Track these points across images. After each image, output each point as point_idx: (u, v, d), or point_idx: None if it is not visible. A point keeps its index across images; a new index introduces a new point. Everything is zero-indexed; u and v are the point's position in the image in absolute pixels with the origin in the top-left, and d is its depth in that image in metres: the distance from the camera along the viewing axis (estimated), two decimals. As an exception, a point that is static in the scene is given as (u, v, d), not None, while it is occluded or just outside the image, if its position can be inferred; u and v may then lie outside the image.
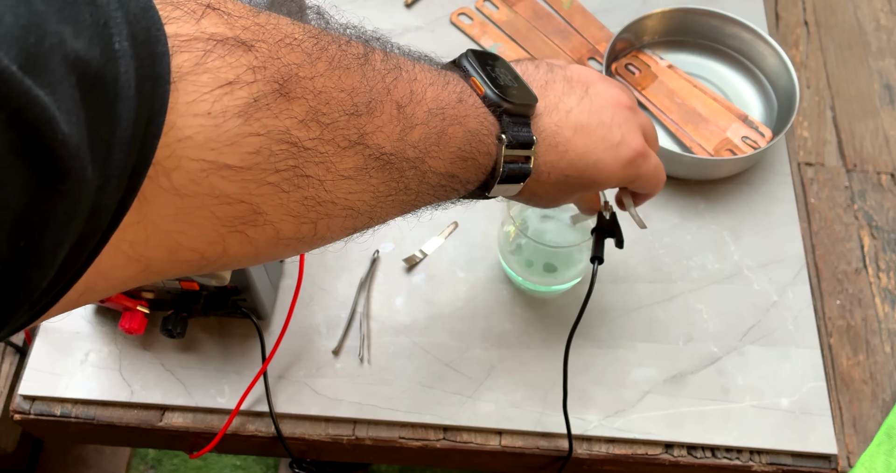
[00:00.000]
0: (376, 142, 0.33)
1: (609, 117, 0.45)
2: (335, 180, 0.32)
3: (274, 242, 0.32)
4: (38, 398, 0.64)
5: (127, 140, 0.24)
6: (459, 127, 0.38)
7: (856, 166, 0.77)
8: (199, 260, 0.30)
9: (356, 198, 0.34)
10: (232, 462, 1.33)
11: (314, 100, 0.30)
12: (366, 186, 0.34)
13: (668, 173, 0.73)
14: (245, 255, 0.31)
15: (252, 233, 0.30)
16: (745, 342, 0.66)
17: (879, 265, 0.72)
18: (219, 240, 0.29)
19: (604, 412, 0.62)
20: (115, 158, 0.24)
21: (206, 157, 0.27)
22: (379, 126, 0.33)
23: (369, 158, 0.33)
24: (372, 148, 0.33)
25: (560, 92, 0.45)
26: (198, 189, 0.27)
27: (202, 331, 0.66)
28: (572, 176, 0.44)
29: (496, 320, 0.67)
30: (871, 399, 0.65)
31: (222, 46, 0.27)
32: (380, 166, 0.34)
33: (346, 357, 0.65)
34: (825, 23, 0.88)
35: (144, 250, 0.27)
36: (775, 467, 0.62)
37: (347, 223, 0.35)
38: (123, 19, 0.24)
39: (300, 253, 0.35)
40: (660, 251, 0.70)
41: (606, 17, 0.85)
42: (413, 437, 0.62)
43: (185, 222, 0.28)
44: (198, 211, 0.28)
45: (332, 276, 0.68)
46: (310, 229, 0.33)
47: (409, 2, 0.85)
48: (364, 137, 0.33)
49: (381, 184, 0.35)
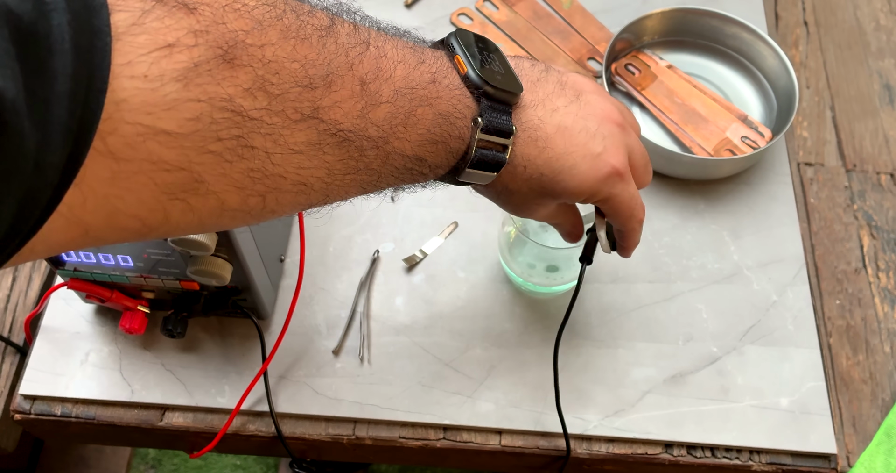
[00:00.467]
0: (333, 117, 0.32)
1: (594, 127, 0.43)
2: (284, 154, 0.31)
3: (218, 212, 0.31)
4: (38, 397, 0.64)
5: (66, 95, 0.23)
6: (430, 108, 0.37)
7: (855, 166, 0.77)
8: (139, 227, 0.29)
9: (309, 174, 0.32)
10: (232, 461, 1.33)
11: (262, 69, 0.29)
12: (319, 162, 0.32)
13: (668, 173, 0.74)
14: (188, 223, 0.31)
15: (194, 202, 0.29)
16: (745, 342, 0.66)
17: (879, 265, 0.72)
18: (159, 207, 0.29)
19: (604, 412, 0.63)
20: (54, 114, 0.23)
21: (143, 121, 0.26)
22: (337, 101, 0.32)
23: (324, 134, 0.32)
24: (327, 123, 0.32)
25: (550, 91, 0.43)
26: (134, 154, 0.26)
27: (202, 331, 0.66)
28: (546, 176, 0.42)
29: (496, 320, 0.67)
30: (871, 399, 0.65)
31: (162, 7, 0.27)
32: (336, 143, 0.33)
33: (346, 357, 0.65)
34: (825, 23, 0.88)
35: (82, 213, 0.26)
36: (775, 466, 0.62)
37: (300, 199, 0.34)
38: None
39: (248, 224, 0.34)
40: (660, 251, 0.70)
41: (606, 17, 0.85)
42: (413, 437, 0.62)
43: (123, 188, 0.27)
44: (135, 177, 0.27)
45: (332, 276, 0.69)
46: (257, 201, 0.32)
47: (409, 2, 0.85)
48: (319, 111, 0.31)
49: (338, 161, 0.33)
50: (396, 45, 0.37)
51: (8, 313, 0.71)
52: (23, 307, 0.71)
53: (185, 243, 0.51)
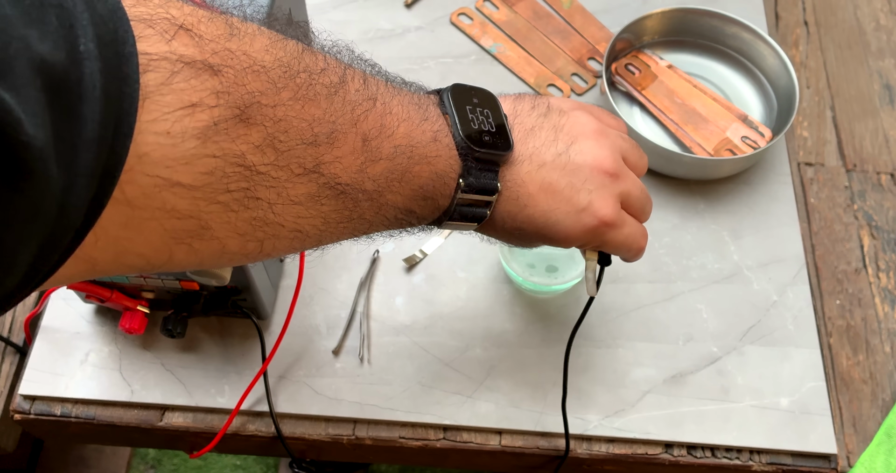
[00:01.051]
0: (333, 172, 0.34)
1: (581, 180, 0.43)
2: (285, 205, 0.32)
3: (218, 255, 0.33)
4: (38, 397, 0.64)
5: (94, 141, 0.24)
6: (427, 167, 0.38)
7: (855, 166, 0.77)
8: (143, 265, 0.31)
9: (305, 223, 0.34)
10: (232, 461, 1.33)
11: (273, 127, 0.31)
12: (316, 212, 0.34)
13: (668, 173, 0.74)
14: (189, 263, 0.32)
15: (198, 246, 0.31)
16: (745, 342, 0.66)
17: (879, 265, 0.72)
18: (165, 249, 0.30)
19: (604, 412, 0.62)
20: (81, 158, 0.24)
21: (161, 173, 0.28)
22: (338, 157, 0.34)
23: (323, 187, 0.34)
24: (327, 177, 0.33)
25: (541, 142, 0.43)
26: (149, 203, 0.28)
27: (202, 331, 0.66)
28: (527, 230, 0.44)
29: (496, 320, 0.67)
30: (871, 399, 0.65)
31: (189, 69, 0.28)
32: (333, 195, 0.34)
33: (346, 357, 0.65)
34: (825, 23, 0.88)
35: (91, 251, 0.27)
36: (775, 467, 0.62)
37: (295, 244, 0.36)
38: (90, 21, 0.24)
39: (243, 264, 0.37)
40: (660, 251, 0.70)
41: (606, 17, 0.85)
42: (413, 437, 0.62)
43: (134, 231, 0.28)
44: (147, 222, 0.28)
45: (332, 276, 0.68)
46: (255, 246, 0.33)
47: (409, 2, 0.85)
48: (320, 166, 0.33)
49: (333, 212, 0.35)
50: (402, 101, 0.38)
51: (8, 313, 0.71)
52: (22, 306, 0.71)
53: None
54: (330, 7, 0.84)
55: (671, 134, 0.76)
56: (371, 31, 0.83)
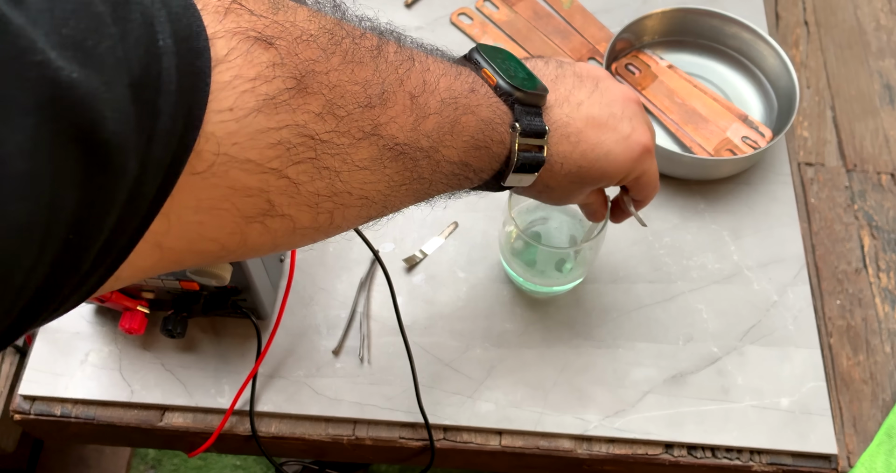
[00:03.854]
0: (390, 132, 0.34)
1: (620, 110, 0.46)
2: (351, 171, 0.33)
3: (291, 231, 0.32)
4: (38, 398, 0.64)
5: (167, 133, 0.25)
6: (472, 116, 0.39)
7: (856, 166, 0.77)
8: (218, 250, 0.31)
9: (371, 188, 0.34)
10: (232, 461, 1.33)
11: (330, 93, 0.31)
12: (381, 176, 0.34)
13: (668, 173, 0.74)
14: (263, 244, 0.32)
15: (270, 223, 0.31)
16: (745, 342, 0.66)
17: (879, 265, 0.72)
18: (238, 231, 0.30)
19: (604, 413, 0.62)
20: (155, 150, 0.25)
21: (228, 151, 0.28)
22: (392, 117, 0.34)
23: (384, 149, 0.34)
24: (386, 138, 0.34)
25: (570, 86, 0.45)
26: (219, 182, 0.28)
27: (202, 331, 0.66)
28: (584, 167, 0.45)
29: (496, 320, 0.67)
30: (872, 399, 0.65)
31: (245, 43, 0.28)
32: (394, 157, 0.34)
33: (346, 357, 0.65)
34: (825, 23, 0.88)
35: (165, 239, 0.28)
36: (775, 467, 0.62)
37: (362, 213, 0.36)
38: (167, 18, 0.25)
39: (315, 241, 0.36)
40: (660, 251, 0.70)
41: (606, 17, 0.85)
42: (413, 437, 0.62)
43: (206, 214, 0.28)
44: (218, 203, 0.28)
45: (332, 276, 0.68)
46: (326, 218, 0.33)
47: (409, 2, 0.85)
48: (378, 128, 0.33)
49: (396, 174, 0.35)
50: (435, 60, 0.39)
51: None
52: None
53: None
54: (330, 7, 0.84)
55: (671, 134, 0.76)
56: (371, 31, 0.83)
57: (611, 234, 0.70)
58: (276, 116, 0.29)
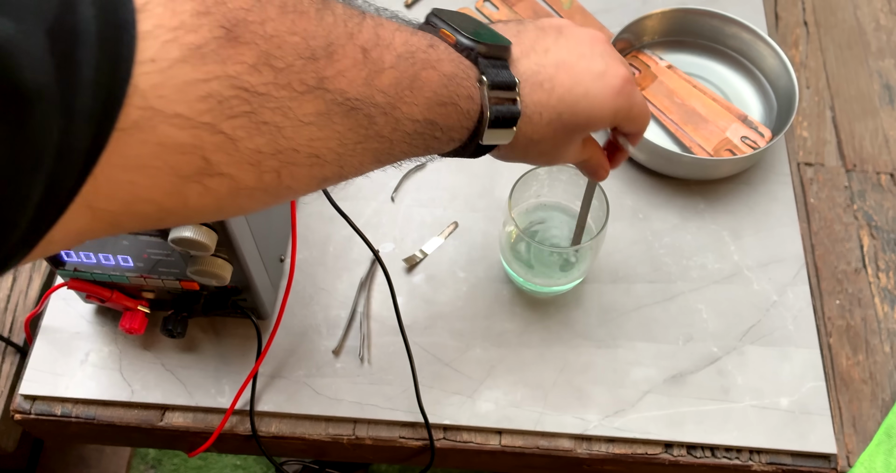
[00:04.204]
0: (338, 87, 0.32)
1: (589, 50, 0.44)
2: (295, 127, 0.31)
3: (234, 192, 0.31)
4: (38, 397, 0.64)
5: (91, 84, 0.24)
6: (433, 71, 0.37)
7: (855, 166, 0.78)
8: (157, 212, 0.29)
9: (321, 145, 0.33)
10: (232, 461, 1.33)
11: (265, 44, 0.30)
12: (330, 132, 0.33)
13: (667, 173, 0.74)
14: (206, 206, 0.31)
15: (210, 183, 0.30)
16: (745, 342, 0.66)
17: (879, 265, 0.72)
18: (175, 191, 0.29)
19: (604, 412, 0.63)
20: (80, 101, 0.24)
21: (154, 104, 0.27)
22: (340, 70, 0.33)
23: (331, 104, 0.32)
24: (334, 93, 0.32)
25: (534, 37, 0.45)
26: (147, 137, 0.27)
27: (202, 331, 0.66)
28: (565, 113, 0.43)
29: (496, 320, 0.67)
30: (871, 399, 0.65)
31: None
32: (344, 112, 0.33)
33: (346, 357, 0.65)
34: (825, 23, 0.88)
35: (95, 200, 0.27)
36: (775, 466, 0.62)
37: (315, 172, 0.34)
38: None
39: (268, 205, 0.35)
40: (660, 251, 0.70)
41: (606, 17, 0.85)
42: (413, 437, 0.63)
43: (137, 173, 0.27)
44: (149, 161, 0.27)
45: (332, 276, 0.69)
46: (272, 178, 0.32)
47: (409, 2, 0.85)
48: (324, 82, 0.32)
49: (349, 131, 0.34)
50: (390, 20, 0.38)
51: (8, 313, 0.71)
52: (23, 307, 0.71)
53: (186, 243, 0.51)
54: None
55: (671, 134, 0.76)
56: (371, 32, 0.83)
57: (611, 234, 0.70)
58: (204, 66, 0.28)
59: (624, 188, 0.74)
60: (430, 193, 0.73)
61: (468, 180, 0.74)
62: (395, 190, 0.73)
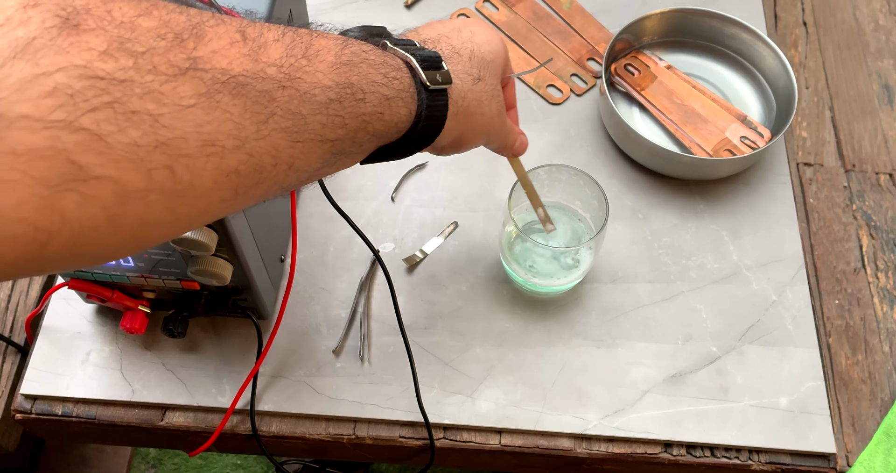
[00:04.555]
0: (217, 65, 0.30)
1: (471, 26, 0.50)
2: (174, 113, 0.28)
3: (122, 198, 0.27)
4: (39, 397, 0.64)
5: None
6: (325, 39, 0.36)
7: (854, 167, 0.78)
8: (33, 232, 0.26)
9: (213, 130, 0.30)
10: (233, 460, 1.33)
11: (116, 29, 0.27)
12: (220, 114, 0.30)
13: (667, 173, 0.74)
14: (94, 220, 0.27)
15: (87, 190, 0.26)
16: (744, 342, 0.66)
17: (878, 265, 0.72)
18: (47, 206, 0.26)
19: (603, 412, 0.63)
20: None
21: None
22: (215, 49, 0.30)
23: (212, 83, 0.30)
24: (212, 72, 0.30)
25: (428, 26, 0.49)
26: None
27: (203, 331, 0.66)
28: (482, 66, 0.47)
29: (496, 319, 0.67)
30: (870, 399, 0.65)
31: None
32: (231, 90, 0.30)
33: (346, 357, 0.65)
34: (824, 23, 0.88)
35: None
36: (774, 466, 0.62)
37: (216, 163, 0.30)
38: None
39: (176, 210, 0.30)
40: (659, 251, 0.71)
41: (606, 17, 0.85)
42: (413, 436, 0.63)
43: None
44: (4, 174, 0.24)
45: (332, 276, 0.69)
46: (165, 175, 0.28)
47: (409, 2, 0.85)
48: (198, 62, 0.29)
49: (245, 111, 0.31)
50: None
51: (9, 313, 0.71)
52: (23, 306, 0.72)
53: (186, 243, 0.51)
54: (330, 8, 0.84)
55: (670, 134, 0.76)
56: (371, 32, 0.83)
57: (611, 234, 0.71)
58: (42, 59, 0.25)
59: (623, 188, 0.74)
60: (430, 193, 0.73)
61: (468, 180, 0.74)
62: (395, 190, 0.73)
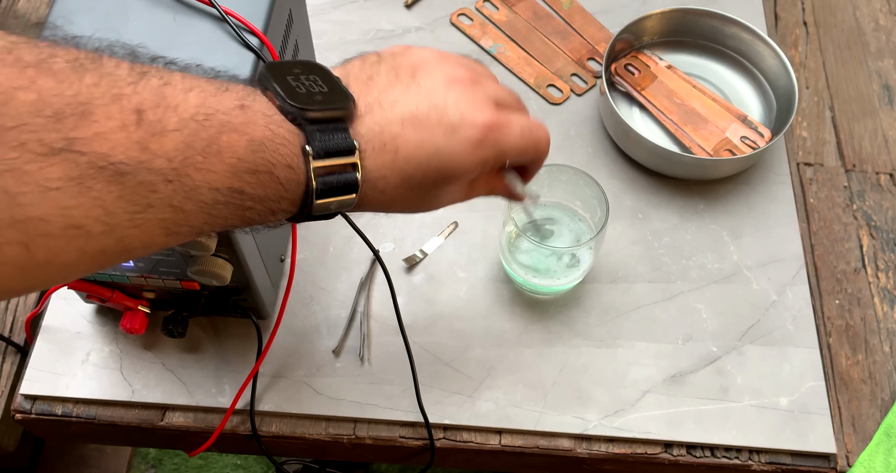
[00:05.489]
0: (97, 150, 0.29)
1: (442, 99, 0.40)
2: (36, 193, 0.27)
3: None
4: (39, 397, 0.64)
5: None
6: (238, 135, 0.33)
7: (855, 166, 0.78)
8: None
9: (79, 214, 0.29)
10: (233, 460, 1.33)
11: None
12: (89, 200, 0.29)
13: (667, 173, 0.74)
14: None
15: None
16: (745, 342, 0.66)
17: (878, 265, 0.72)
18: None
19: (603, 412, 0.63)
20: None
21: None
22: (100, 132, 0.29)
23: (87, 167, 0.29)
24: (91, 156, 0.29)
25: (384, 85, 0.40)
26: None
27: (203, 331, 0.66)
28: (415, 174, 0.39)
29: (496, 320, 0.67)
30: (870, 399, 0.65)
31: None
32: (108, 177, 0.29)
33: (346, 357, 0.65)
34: (824, 23, 0.88)
35: None
36: (774, 466, 0.62)
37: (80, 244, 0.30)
38: None
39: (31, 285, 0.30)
40: (659, 251, 0.71)
41: (606, 17, 0.85)
42: (413, 436, 0.63)
43: None
44: None
45: (332, 276, 0.69)
46: (18, 251, 0.28)
47: (409, 2, 0.85)
48: (74, 144, 0.28)
49: (118, 198, 0.30)
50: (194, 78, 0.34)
51: (8, 313, 0.71)
52: (23, 306, 0.72)
53: (186, 244, 0.51)
54: (330, 7, 0.84)
55: (671, 134, 0.76)
56: (371, 32, 0.83)
57: (611, 234, 0.71)
58: None
59: (624, 188, 0.74)
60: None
61: (468, 180, 0.74)
62: (395, 190, 0.73)
